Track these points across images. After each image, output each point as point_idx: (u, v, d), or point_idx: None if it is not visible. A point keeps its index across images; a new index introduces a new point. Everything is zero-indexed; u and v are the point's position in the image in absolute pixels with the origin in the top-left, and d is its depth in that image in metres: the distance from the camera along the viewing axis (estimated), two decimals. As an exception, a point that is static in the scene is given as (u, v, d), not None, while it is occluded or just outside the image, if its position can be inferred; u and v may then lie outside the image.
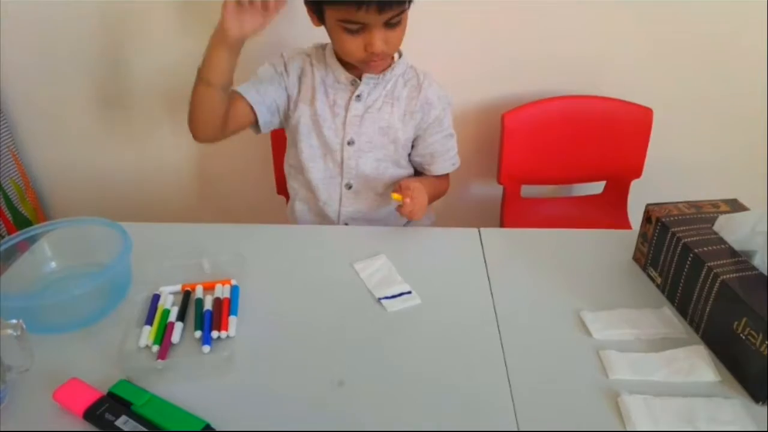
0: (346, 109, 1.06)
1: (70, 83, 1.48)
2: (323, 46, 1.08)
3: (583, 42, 1.39)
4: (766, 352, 0.63)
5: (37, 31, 1.40)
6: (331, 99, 1.07)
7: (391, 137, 1.09)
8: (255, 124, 1.05)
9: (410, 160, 1.16)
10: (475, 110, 1.46)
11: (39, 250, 0.86)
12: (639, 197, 1.23)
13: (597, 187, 1.56)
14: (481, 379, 0.70)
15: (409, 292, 0.84)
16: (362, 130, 1.08)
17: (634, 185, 1.49)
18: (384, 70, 1.05)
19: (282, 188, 1.36)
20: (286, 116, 1.10)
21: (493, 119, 1.42)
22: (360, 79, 1.04)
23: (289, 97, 1.08)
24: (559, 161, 1.46)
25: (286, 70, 1.07)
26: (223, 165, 1.60)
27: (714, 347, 0.73)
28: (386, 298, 0.83)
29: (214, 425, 0.62)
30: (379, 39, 0.93)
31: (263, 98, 1.04)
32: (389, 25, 0.93)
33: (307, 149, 1.09)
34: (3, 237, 1.49)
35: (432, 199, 1.09)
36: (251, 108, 1.02)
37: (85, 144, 1.59)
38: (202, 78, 0.92)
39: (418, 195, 0.98)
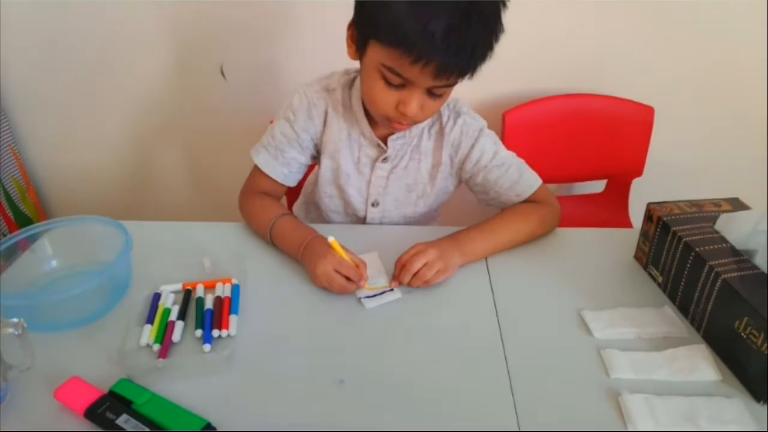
0: (372, 169, 0.98)
1: (71, 82, 1.48)
2: (351, 84, 0.95)
3: (585, 40, 1.39)
4: (767, 352, 0.63)
5: (38, 30, 1.40)
6: (356, 156, 0.98)
7: (419, 193, 1.01)
8: None
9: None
10: (475, 109, 1.44)
11: (40, 248, 0.86)
12: (640, 196, 1.23)
13: (598, 186, 1.56)
14: (481, 379, 0.70)
15: (391, 290, 0.84)
16: (388, 190, 1.00)
17: (636, 184, 1.49)
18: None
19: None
20: (315, 158, 1.03)
21: (494, 118, 1.42)
22: (385, 142, 0.95)
23: (316, 145, 0.99)
24: (560, 160, 1.46)
25: (308, 120, 0.96)
26: (223, 163, 1.60)
27: (715, 346, 0.73)
28: (367, 297, 0.82)
29: (215, 424, 0.62)
30: (416, 102, 0.80)
31: (289, 168, 0.98)
32: (432, 93, 0.81)
33: (327, 198, 1.03)
34: (4, 235, 1.50)
35: (517, 240, 0.93)
36: (280, 183, 0.99)
37: (86, 142, 1.59)
38: (266, 235, 0.92)
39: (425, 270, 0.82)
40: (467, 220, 0.97)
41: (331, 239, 0.80)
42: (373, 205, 1.02)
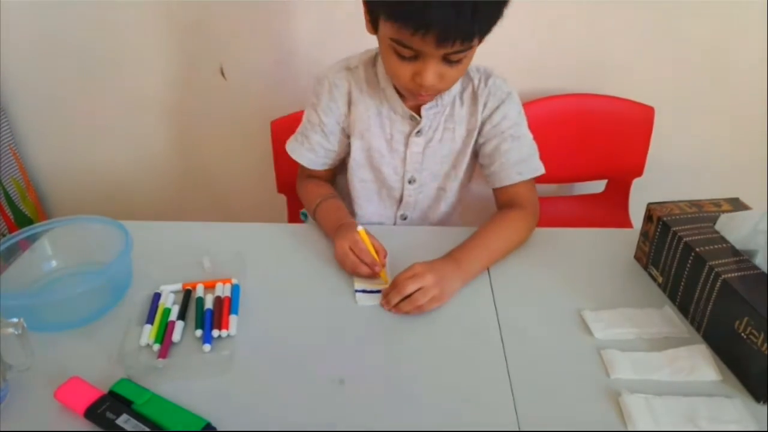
0: (406, 145, 0.96)
1: (70, 81, 1.48)
2: (373, 60, 0.94)
3: (584, 40, 1.39)
4: (767, 352, 0.63)
5: (38, 30, 1.40)
6: (388, 133, 0.96)
7: (454, 163, 1.00)
8: None
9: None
10: (476, 109, 1.46)
11: (40, 248, 0.86)
12: (640, 196, 1.23)
13: (598, 186, 1.56)
14: (482, 379, 0.70)
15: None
16: (424, 165, 0.98)
17: (636, 184, 1.48)
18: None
19: (282, 187, 1.36)
20: (344, 143, 1.01)
21: (494, 118, 1.42)
22: (419, 113, 0.93)
23: (342, 130, 0.99)
24: (560, 160, 1.45)
25: (330, 102, 0.95)
26: (224, 164, 1.60)
27: (715, 346, 0.73)
28: (363, 291, 0.83)
29: (215, 424, 0.62)
30: (432, 72, 0.79)
31: (315, 153, 1.00)
32: (448, 60, 0.79)
33: (359, 184, 1.01)
34: (4, 235, 1.50)
35: (497, 255, 0.90)
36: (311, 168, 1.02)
37: (86, 142, 1.59)
38: (313, 215, 0.99)
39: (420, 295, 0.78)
40: (467, 220, 0.97)
41: (360, 228, 0.84)
42: (409, 182, 1.00)
